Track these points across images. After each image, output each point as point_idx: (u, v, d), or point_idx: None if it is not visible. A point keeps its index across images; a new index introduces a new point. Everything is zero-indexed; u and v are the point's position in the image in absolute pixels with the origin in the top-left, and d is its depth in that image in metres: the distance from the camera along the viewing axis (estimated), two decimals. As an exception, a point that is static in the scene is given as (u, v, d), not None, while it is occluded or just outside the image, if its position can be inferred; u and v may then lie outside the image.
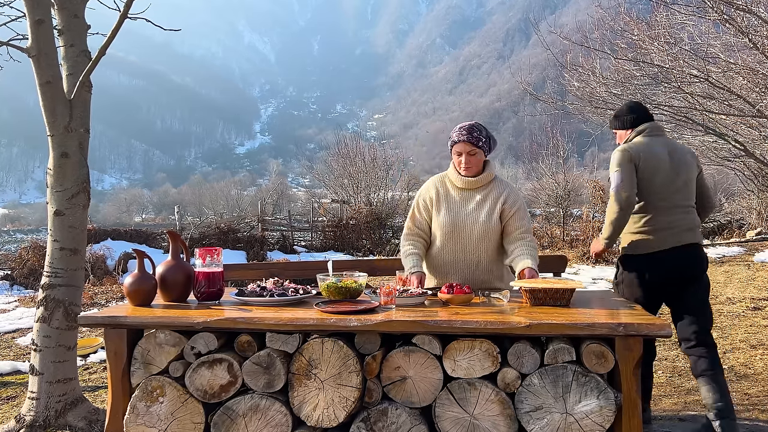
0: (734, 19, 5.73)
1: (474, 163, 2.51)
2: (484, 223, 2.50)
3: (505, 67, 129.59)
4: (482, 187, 2.56)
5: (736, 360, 4.07)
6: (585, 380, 1.79)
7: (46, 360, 3.02)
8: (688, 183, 2.68)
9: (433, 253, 2.60)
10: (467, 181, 2.55)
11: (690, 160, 2.72)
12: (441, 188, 2.62)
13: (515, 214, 2.52)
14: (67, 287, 3.08)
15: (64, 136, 3.06)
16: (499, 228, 2.53)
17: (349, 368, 1.89)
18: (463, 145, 2.49)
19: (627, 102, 3.00)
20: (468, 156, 2.49)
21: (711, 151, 9.81)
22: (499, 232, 2.54)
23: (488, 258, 2.54)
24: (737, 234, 12.41)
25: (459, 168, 2.55)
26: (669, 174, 2.62)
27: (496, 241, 2.55)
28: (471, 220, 2.52)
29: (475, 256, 2.53)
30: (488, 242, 2.52)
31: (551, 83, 8.79)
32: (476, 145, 2.48)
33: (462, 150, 2.50)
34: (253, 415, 1.93)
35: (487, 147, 2.53)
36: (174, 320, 1.97)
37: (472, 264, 2.54)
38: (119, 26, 2.84)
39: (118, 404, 2.02)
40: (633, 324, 1.77)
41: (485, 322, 1.82)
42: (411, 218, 2.67)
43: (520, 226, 2.52)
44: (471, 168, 2.52)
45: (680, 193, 2.65)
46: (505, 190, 2.56)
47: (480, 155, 2.51)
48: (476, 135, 2.48)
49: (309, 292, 2.28)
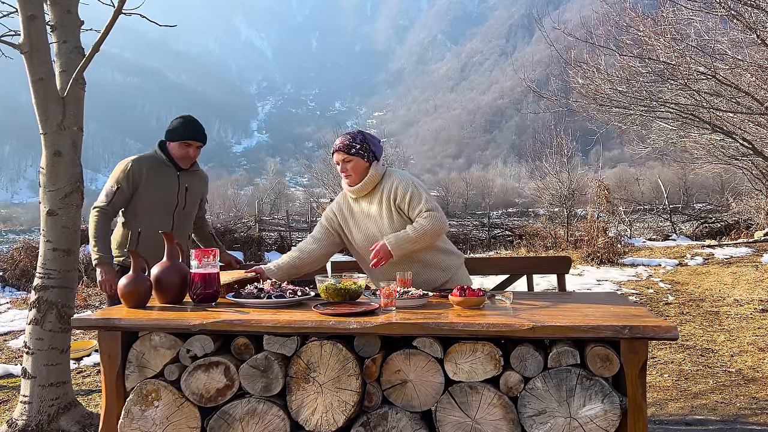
0: (742, 15, 5.70)
1: (351, 170, 2.51)
2: (388, 222, 2.50)
3: (508, 63, 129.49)
4: (372, 190, 2.56)
5: (744, 363, 4.05)
6: (589, 384, 1.76)
7: (39, 363, 2.98)
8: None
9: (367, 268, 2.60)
10: (356, 190, 2.55)
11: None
12: (344, 203, 2.64)
13: (410, 202, 2.47)
14: (61, 289, 3.04)
15: (57, 135, 3.01)
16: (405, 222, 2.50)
17: (348, 371, 1.86)
18: (337, 154, 2.53)
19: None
20: (344, 164, 2.52)
21: (718, 149, 9.79)
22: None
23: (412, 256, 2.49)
24: (745, 234, 12.40)
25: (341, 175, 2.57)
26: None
27: None
28: (377, 225, 2.52)
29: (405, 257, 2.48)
30: None
31: (555, 80, 8.75)
32: (348, 153, 2.50)
33: (338, 159, 2.54)
34: (250, 419, 1.89)
35: (364, 152, 2.52)
36: (169, 322, 1.94)
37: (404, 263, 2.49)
38: (113, 22, 2.80)
39: (112, 408, 1.98)
40: (638, 326, 1.74)
41: (487, 325, 1.79)
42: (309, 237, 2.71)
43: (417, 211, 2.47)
44: (351, 176, 2.53)
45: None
46: (392, 184, 2.52)
47: (357, 162, 2.51)
48: (348, 143, 2.51)
49: (307, 294, 2.24)
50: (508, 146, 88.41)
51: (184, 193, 2.98)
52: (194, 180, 3.06)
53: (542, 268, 3.15)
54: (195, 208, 3.11)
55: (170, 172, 2.94)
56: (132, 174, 2.84)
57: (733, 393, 3.47)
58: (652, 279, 7.88)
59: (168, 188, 2.93)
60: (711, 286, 7.15)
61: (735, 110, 6.98)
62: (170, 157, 2.94)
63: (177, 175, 2.96)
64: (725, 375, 3.83)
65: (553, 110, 9.80)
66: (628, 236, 13.31)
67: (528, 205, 20.54)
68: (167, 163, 2.94)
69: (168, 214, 2.94)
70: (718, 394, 3.45)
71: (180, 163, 2.95)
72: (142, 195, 2.88)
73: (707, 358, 4.24)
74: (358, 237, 2.58)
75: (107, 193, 2.86)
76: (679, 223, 15.55)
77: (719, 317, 5.54)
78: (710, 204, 17.41)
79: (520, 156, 54.43)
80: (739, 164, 11.16)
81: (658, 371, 3.95)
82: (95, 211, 2.84)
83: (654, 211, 16.44)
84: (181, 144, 2.91)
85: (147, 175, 2.87)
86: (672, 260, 9.34)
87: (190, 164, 3.00)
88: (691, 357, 4.24)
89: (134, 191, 2.87)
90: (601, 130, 9.71)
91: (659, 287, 7.25)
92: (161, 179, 2.91)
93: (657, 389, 3.60)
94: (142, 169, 2.87)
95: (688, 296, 6.64)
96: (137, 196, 2.88)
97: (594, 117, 8.94)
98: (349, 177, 2.53)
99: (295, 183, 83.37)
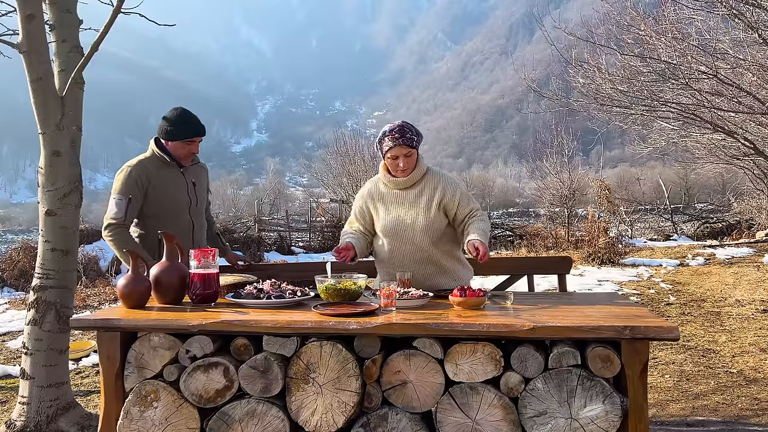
0: (743, 14, 5.68)
1: (410, 163, 2.51)
2: (425, 216, 2.49)
3: (509, 63, 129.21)
4: (417, 183, 2.55)
5: (745, 364, 4.04)
6: (590, 384, 1.75)
7: (38, 364, 2.97)
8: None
9: (383, 257, 2.60)
10: (400, 182, 2.54)
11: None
12: (375, 192, 2.62)
13: (460, 202, 2.51)
14: (59, 289, 3.03)
15: (56, 134, 3.00)
16: (443, 221, 2.52)
17: (348, 372, 1.85)
18: (399, 148, 2.47)
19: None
20: (405, 158, 2.48)
21: (720, 149, 9.75)
22: (444, 225, 2.52)
23: (437, 253, 2.52)
24: (746, 234, 12.38)
25: (395, 171, 2.53)
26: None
27: (442, 235, 2.53)
28: (411, 216, 2.51)
29: (422, 252, 2.51)
30: (432, 236, 2.50)
31: (556, 80, 8.71)
32: (411, 146, 2.47)
33: (399, 153, 2.48)
34: (249, 420, 1.88)
35: (419, 144, 2.53)
36: (168, 323, 1.93)
37: (422, 260, 2.52)
38: (112, 21, 2.79)
39: (111, 409, 1.98)
40: (640, 327, 1.73)
41: (488, 325, 1.78)
42: (349, 224, 2.73)
43: (468, 211, 2.51)
44: (408, 169, 2.52)
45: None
46: (441, 182, 2.53)
47: (414, 155, 2.51)
48: (409, 136, 2.48)
49: (307, 294, 2.23)
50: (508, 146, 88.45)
51: (193, 189, 2.89)
52: (198, 173, 2.97)
53: (543, 269, 3.14)
54: (204, 202, 3.01)
55: (175, 171, 2.83)
56: (139, 179, 2.70)
57: (734, 394, 3.46)
58: (654, 279, 7.86)
59: (178, 188, 2.81)
60: (712, 287, 7.13)
61: (736, 110, 6.95)
62: (170, 154, 2.81)
63: (182, 173, 2.85)
64: (727, 376, 3.82)
65: (553, 110, 9.77)
66: (629, 236, 13.30)
67: (528, 205, 20.51)
68: (170, 162, 2.81)
69: (184, 214, 2.83)
70: (720, 395, 3.44)
71: (182, 161, 2.84)
72: (154, 200, 2.74)
73: (708, 358, 4.22)
74: (385, 220, 2.55)
75: (119, 207, 2.67)
76: (680, 223, 15.53)
77: (721, 318, 5.53)
78: (712, 204, 17.39)
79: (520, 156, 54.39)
80: (740, 164, 11.12)
81: (659, 372, 3.94)
82: (113, 229, 2.65)
83: (655, 211, 16.42)
84: (184, 143, 2.78)
85: (154, 178, 2.74)
86: (673, 260, 9.33)
87: (190, 160, 2.91)
88: (692, 358, 4.23)
89: (145, 195, 2.72)
90: (602, 130, 9.68)
91: (660, 288, 7.24)
92: (169, 180, 2.78)
93: (658, 390, 3.59)
94: (148, 172, 2.72)
95: (690, 297, 6.63)
96: (147, 203, 2.74)
97: (595, 116, 8.92)
98: (406, 170, 2.51)
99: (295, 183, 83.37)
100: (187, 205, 2.85)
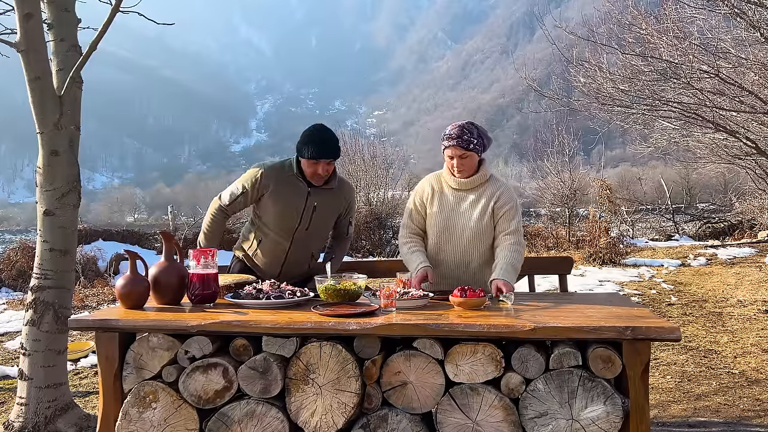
0: (745, 13, 5.66)
1: (466, 165, 2.48)
2: (477, 223, 2.48)
3: (509, 62, 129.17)
4: (477, 187, 2.53)
5: (747, 365, 4.02)
6: (591, 385, 1.74)
7: (36, 364, 2.96)
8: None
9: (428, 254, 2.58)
10: (461, 182, 2.52)
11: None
12: (436, 186, 2.59)
13: (505, 214, 2.48)
14: (57, 289, 3.02)
15: (54, 134, 2.99)
16: (492, 228, 2.50)
17: (347, 373, 1.84)
18: (453, 149, 2.45)
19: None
20: (459, 159, 2.46)
21: (721, 149, 9.71)
22: (492, 233, 2.51)
23: (480, 259, 2.52)
24: (748, 234, 12.35)
25: (452, 171, 2.51)
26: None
27: (489, 243, 2.52)
28: (463, 220, 2.49)
29: (466, 256, 2.51)
30: (480, 243, 2.50)
31: (557, 79, 8.69)
32: (467, 149, 2.44)
33: (453, 154, 2.46)
34: (248, 421, 1.87)
35: (480, 147, 2.48)
36: (167, 323, 1.92)
37: (463, 264, 2.52)
38: (111, 20, 2.78)
39: (109, 410, 1.97)
40: (641, 327, 1.72)
41: (488, 326, 1.77)
42: (409, 217, 2.65)
43: (506, 228, 2.48)
44: (464, 171, 2.49)
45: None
46: (498, 190, 2.52)
47: (472, 157, 2.47)
48: (467, 138, 2.43)
49: (306, 295, 2.22)
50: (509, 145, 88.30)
51: (311, 213, 2.64)
52: (327, 198, 2.67)
53: (544, 269, 3.12)
54: (325, 229, 2.76)
55: (299, 189, 2.62)
56: (260, 182, 2.60)
57: (736, 395, 3.44)
58: (655, 280, 7.85)
59: (292, 206, 2.63)
60: (714, 287, 7.12)
61: (738, 109, 6.93)
62: (302, 170, 2.62)
63: (307, 192, 2.63)
64: (728, 376, 3.80)
65: (554, 109, 9.74)
66: (630, 236, 13.27)
67: (529, 204, 20.47)
68: (299, 177, 2.62)
69: (287, 234, 2.66)
70: (722, 396, 3.43)
71: (312, 180, 2.61)
72: (266, 207, 2.65)
73: (710, 359, 4.21)
74: (437, 217, 2.52)
75: (231, 194, 2.66)
76: (681, 223, 15.50)
77: (722, 318, 5.51)
78: (713, 204, 17.36)
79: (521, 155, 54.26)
80: (742, 164, 11.09)
81: (660, 373, 3.93)
82: (215, 207, 2.68)
83: (656, 211, 16.39)
84: (308, 162, 2.57)
85: (274, 187, 2.62)
86: (675, 261, 9.31)
87: (323, 182, 2.64)
88: (694, 358, 4.22)
89: (259, 199, 2.65)
90: (603, 130, 9.65)
91: (662, 288, 7.22)
92: (287, 195, 2.62)
93: (659, 391, 3.58)
94: (271, 180, 2.61)
95: (691, 297, 6.61)
96: (262, 206, 2.66)
97: (596, 116, 8.89)
98: (462, 171, 2.48)
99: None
100: (294, 226, 2.65)
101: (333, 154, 2.58)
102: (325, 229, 2.77)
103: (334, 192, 2.70)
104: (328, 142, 2.58)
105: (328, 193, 2.68)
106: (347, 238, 2.85)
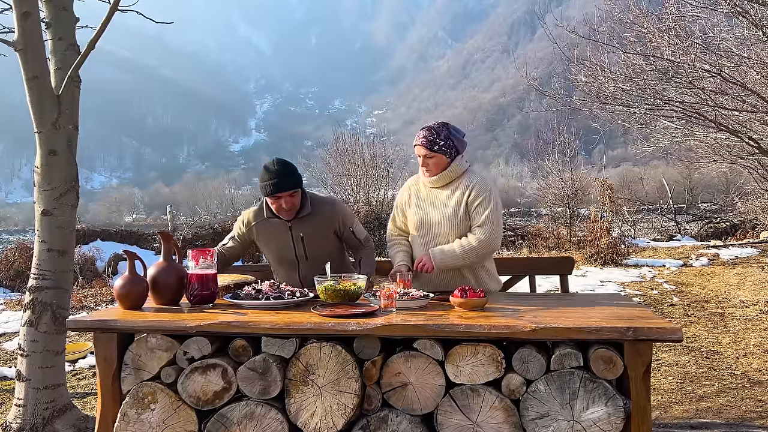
0: (747, 12, 5.64)
1: (432, 165, 2.51)
2: (452, 216, 2.49)
3: (510, 61, 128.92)
4: (452, 182, 2.55)
5: (749, 365, 4.00)
6: (593, 386, 1.73)
7: (34, 365, 2.95)
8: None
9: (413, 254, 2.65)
10: (433, 180, 2.56)
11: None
12: (414, 188, 2.67)
13: (478, 206, 2.47)
14: (55, 290, 3.01)
15: (52, 133, 2.98)
16: (468, 221, 2.50)
17: (347, 374, 1.83)
18: (419, 148, 2.52)
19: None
20: (425, 159, 2.51)
21: (723, 148, 9.68)
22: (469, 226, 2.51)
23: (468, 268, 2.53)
24: (751, 235, 12.32)
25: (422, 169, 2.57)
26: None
27: None
28: (437, 216, 2.53)
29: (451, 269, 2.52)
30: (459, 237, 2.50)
31: (558, 78, 8.67)
32: (431, 149, 2.47)
33: (419, 153, 2.53)
34: (248, 422, 1.86)
35: (447, 149, 2.48)
36: (166, 324, 1.91)
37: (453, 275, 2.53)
38: (109, 19, 2.76)
39: (108, 411, 1.95)
40: (643, 328, 1.71)
41: (489, 326, 1.76)
42: (392, 220, 2.75)
43: (477, 221, 2.47)
44: (430, 170, 2.53)
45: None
46: (472, 182, 2.50)
47: (439, 158, 2.49)
48: (432, 139, 2.47)
49: (306, 295, 2.21)
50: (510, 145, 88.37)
51: (302, 244, 2.62)
52: (309, 225, 2.62)
53: (545, 269, 3.11)
54: (326, 248, 2.67)
55: (280, 226, 2.62)
56: (245, 228, 2.69)
57: (738, 396, 3.43)
58: (657, 280, 7.83)
59: (282, 244, 2.64)
60: (716, 287, 7.10)
61: (740, 108, 6.90)
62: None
63: (288, 227, 2.62)
64: (731, 377, 3.79)
65: (555, 109, 9.72)
66: (631, 236, 13.25)
67: (530, 204, 20.47)
68: (275, 215, 2.61)
69: (292, 266, 2.67)
70: (724, 397, 3.42)
71: (280, 215, 2.59)
72: (264, 250, 2.74)
73: (712, 360, 4.19)
74: (414, 217, 2.59)
75: (229, 237, 2.77)
76: (683, 224, 15.48)
77: (724, 319, 5.49)
78: (715, 204, 17.33)
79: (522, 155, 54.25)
80: (744, 163, 11.05)
81: (662, 373, 3.91)
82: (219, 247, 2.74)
83: (658, 211, 16.37)
84: (270, 199, 2.56)
85: (258, 232, 2.66)
86: (676, 261, 9.30)
87: (293, 214, 2.59)
88: (695, 359, 4.20)
89: (250, 244, 2.74)
90: (604, 129, 9.62)
91: (663, 288, 7.21)
92: (273, 235, 2.64)
93: (661, 392, 3.57)
94: (254, 225, 2.66)
95: (693, 297, 6.60)
96: (262, 249, 2.76)
97: (597, 115, 8.87)
98: (429, 171, 2.52)
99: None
100: (293, 259, 2.65)
101: (289, 185, 2.51)
102: (326, 248, 2.67)
103: (313, 216, 2.62)
104: (282, 174, 2.50)
105: (308, 220, 2.62)
106: (364, 243, 2.77)
